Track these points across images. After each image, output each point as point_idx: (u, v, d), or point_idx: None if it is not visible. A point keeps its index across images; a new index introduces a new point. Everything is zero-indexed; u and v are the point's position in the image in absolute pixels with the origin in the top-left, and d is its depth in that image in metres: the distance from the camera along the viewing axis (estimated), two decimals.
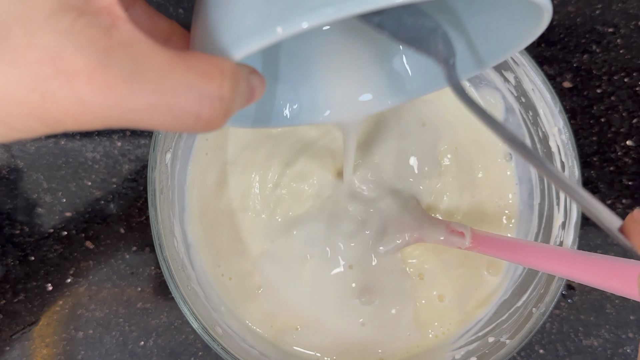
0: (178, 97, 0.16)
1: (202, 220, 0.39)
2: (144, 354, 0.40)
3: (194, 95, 0.16)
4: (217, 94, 0.16)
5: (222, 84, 0.16)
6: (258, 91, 0.20)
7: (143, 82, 0.15)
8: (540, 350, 0.41)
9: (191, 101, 0.16)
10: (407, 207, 0.39)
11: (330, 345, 0.38)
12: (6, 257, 0.41)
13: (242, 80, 0.18)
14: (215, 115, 0.17)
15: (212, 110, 0.16)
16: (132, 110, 0.15)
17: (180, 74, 0.16)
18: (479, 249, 0.36)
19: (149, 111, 0.15)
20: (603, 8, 0.46)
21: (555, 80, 0.45)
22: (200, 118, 0.16)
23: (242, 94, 0.18)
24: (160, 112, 0.16)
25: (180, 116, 0.16)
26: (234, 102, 0.17)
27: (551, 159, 0.37)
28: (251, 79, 0.19)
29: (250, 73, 0.19)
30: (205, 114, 0.16)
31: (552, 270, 0.32)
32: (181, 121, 0.16)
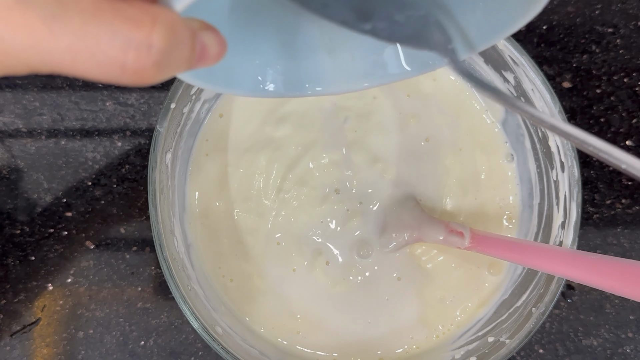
0: (100, 42, 0.15)
1: (203, 221, 0.39)
2: (144, 354, 0.40)
3: (118, 42, 0.15)
4: (145, 41, 0.15)
5: (152, 32, 0.15)
6: (212, 51, 0.18)
7: (64, 24, 0.14)
8: (539, 350, 0.41)
9: (115, 47, 0.15)
10: (406, 207, 0.39)
11: (331, 345, 0.38)
12: (6, 257, 0.41)
13: (181, 32, 0.17)
14: (142, 65, 0.16)
15: (138, 58, 0.15)
16: (52, 52, 0.15)
17: (106, 18, 0.15)
18: (479, 248, 0.36)
19: (69, 54, 0.15)
20: (602, 8, 0.46)
21: (554, 81, 0.45)
22: (125, 66, 0.15)
23: (183, 48, 0.17)
24: (82, 56, 0.15)
25: (103, 63, 0.15)
26: (167, 53, 0.16)
27: (551, 159, 0.37)
28: (202, 35, 0.18)
29: (203, 29, 0.18)
30: (130, 63, 0.15)
31: (551, 270, 0.32)
32: (105, 68, 0.15)
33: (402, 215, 0.38)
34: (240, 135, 0.40)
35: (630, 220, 0.43)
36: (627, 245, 0.43)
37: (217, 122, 0.40)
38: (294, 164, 0.39)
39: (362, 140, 0.40)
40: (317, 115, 0.40)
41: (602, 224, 0.43)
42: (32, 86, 0.43)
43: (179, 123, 0.36)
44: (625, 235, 0.43)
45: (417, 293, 0.39)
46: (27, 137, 0.42)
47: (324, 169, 0.40)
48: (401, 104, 0.41)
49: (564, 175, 0.36)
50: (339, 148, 0.40)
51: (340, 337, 0.38)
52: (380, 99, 0.41)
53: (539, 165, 0.39)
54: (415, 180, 0.40)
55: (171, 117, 0.34)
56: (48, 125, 0.43)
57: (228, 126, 0.40)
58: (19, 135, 0.42)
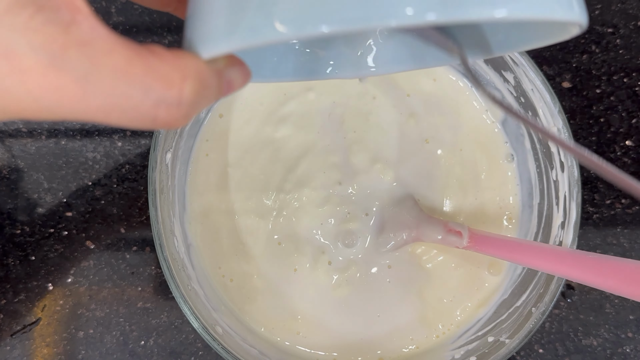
0: (132, 100, 0.15)
1: (203, 220, 0.39)
2: (145, 354, 0.40)
3: (150, 100, 0.15)
4: (175, 99, 0.16)
5: (182, 89, 0.16)
6: (238, 82, 0.19)
7: (96, 84, 0.15)
8: (539, 350, 0.41)
9: (147, 105, 0.15)
10: (405, 206, 0.39)
11: (331, 345, 0.38)
12: (7, 256, 0.41)
13: (209, 80, 0.17)
14: (172, 119, 0.16)
15: (169, 114, 0.16)
16: (84, 111, 0.15)
17: (137, 76, 0.15)
18: (477, 248, 0.36)
19: (102, 112, 0.15)
20: (602, 8, 0.46)
21: (554, 81, 0.45)
22: (156, 120, 0.16)
23: (210, 93, 0.17)
24: (114, 113, 0.15)
25: (135, 118, 0.16)
26: (196, 104, 0.17)
27: (550, 159, 0.37)
28: (228, 73, 0.18)
29: (229, 66, 0.18)
30: (161, 117, 0.16)
31: (549, 269, 0.32)
32: (137, 122, 0.16)
33: (400, 215, 0.39)
34: (241, 136, 0.40)
35: (630, 220, 0.43)
36: (627, 245, 0.43)
37: (217, 123, 0.40)
38: (295, 164, 0.39)
39: (362, 140, 0.40)
40: (316, 115, 0.40)
41: (602, 223, 0.43)
42: None
43: None
44: (625, 235, 0.43)
45: (417, 293, 0.39)
46: (27, 137, 0.42)
47: (324, 170, 0.40)
48: (401, 103, 0.41)
49: (563, 175, 0.36)
50: (339, 149, 0.40)
51: (340, 337, 0.38)
52: (380, 99, 0.41)
53: (538, 165, 0.39)
54: (415, 181, 0.40)
55: None
56: (48, 125, 0.43)
57: (228, 126, 0.40)
58: (19, 135, 0.42)
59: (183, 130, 0.37)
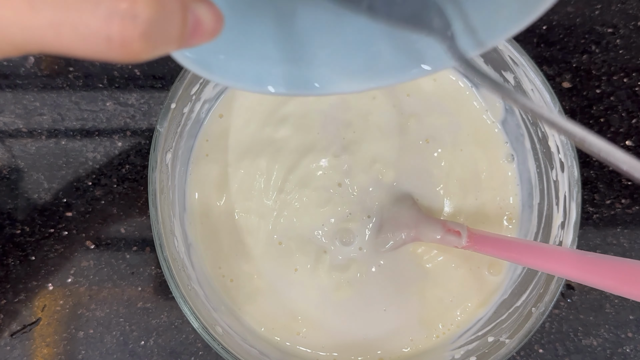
0: (82, 13, 0.14)
1: (203, 221, 0.39)
2: (145, 354, 0.40)
3: (101, 12, 0.14)
4: (129, 10, 0.14)
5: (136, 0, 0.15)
6: (207, 25, 0.17)
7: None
8: (539, 350, 0.41)
9: (98, 18, 0.14)
10: (404, 206, 0.39)
11: (331, 345, 0.38)
12: (7, 257, 0.41)
13: (170, 2, 0.16)
14: (129, 36, 0.15)
15: (123, 29, 0.15)
16: (34, 28, 0.14)
17: None
18: (476, 247, 0.36)
19: (52, 29, 0.14)
20: (602, 8, 0.46)
21: (554, 81, 0.45)
22: (111, 39, 0.15)
23: (173, 19, 0.16)
24: (65, 30, 0.14)
25: (87, 36, 0.15)
26: (155, 23, 0.15)
27: (550, 159, 0.37)
28: (195, 7, 0.17)
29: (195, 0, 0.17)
30: (115, 34, 0.15)
31: (548, 269, 0.32)
32: (90, 42, 0.15)
33: (399, 215, 0.39)
34: (241, 136, 0.40)
35: (630, 220, 0.43)
36: (627, 245, 0.43)
37: (217, 123, 0.40)
38: (295, 165, 0.39)
39: (362, 140, 0.40)
40: (316, 116, 0.40)
41: (602, 223, 0.43)
42: (32, 86, 0.43)
43: (179, 123, 0.36)
44: (625, 235, 0.43)
45: (417, 293, 0.39)
46: (27, 137, 0.42)
47: (325, 171, 0.40)
48: (401, 104, 0.41)
49: (563, 175, 0.36)
50: (339, 149, 0.40)
51: (341, 337, 0.39)
52: (380, 99, 0.41)
53: (538, 165, 0.39)
54: (414, 181, 0.40)
55: (171, 117, 0.34)
56: (48, 125, 0.43)
57: (228, 127, 0.40)
58: (19, 135, 0.42)
59: (183, 130, 0.37)
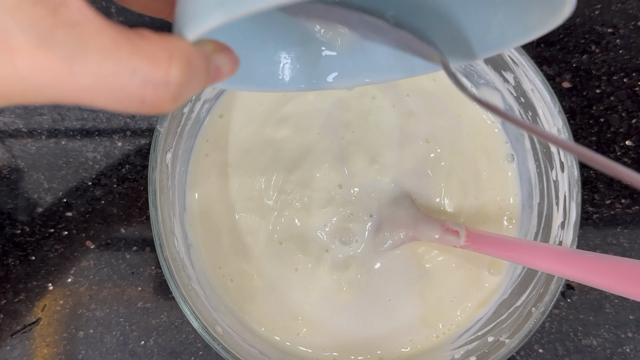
0: (119, 80, 0.15)
1: (203, 221, 0.39)
2: (145, 354, 0.40)
3: (136, 80, 0.15)
4: (163, 79, 0.16)
5: (169, 69, 0.16)
6: (226, 69, 0.19)
7: (83, 64, 0.15)
8: (539, 350, 0.41)
9: (134, 85, 0.15)
10: (402, 206, 0.39)
11: (331, 345, 0.38)
12: (7, 256, 0.41)
13: (196, 62, 0.17)
14: (160, 100, 0.16)
15: (156, 95, 0.16)
16: (72, 90, 0.15)
17: (124, 56, 0.15)
18: (474, 247, 0.36)
19: (89, 92, 0.15)
20: (602, 8, 0.46)
21: (554, 81, 0.45)
22: (144, 101, 0.16)
23: (198, 76, 0.17)
24: (101, 94, 0.15)
25: (122, 99, 0.16)
26: (184, 86, 0.16)
27: (550, 159, 0.37)
28: (216, 58, 0.18)
29: (216, 51, 0.18)
30: (149, 98, 0.16)
31: (547, 268, 0.32)
32: (124, 103, 0.16)
33: (397, 214, 0.39)
34: (241, 136, 0.40)
35: (629, 220, 0.43)
36: (627, 245, 0.43)
37: (217, 123, 0.40)
38: (295, 165, 0.39)
39: (361, 140, 0.40)
40: (316, 116, 0.40)
41: (602, 223, 0.43)
42: None
43: (179, 123, 0.36)
44: (624, 235, 0.43)
45: (417, 293, 0.39)
46: (27, 137, 0.42)
47: (325, 172, 0.40)
48: (401, 103, 0.41)
49: (563, 175, 0.36)
50: (339, 149, 0.40)
51: (341, 337, 0.39)
52: (380, 99, 0.41)
53: (538, 165, 0.39)
54: (414, 181, 0.40)
55: (171, 117, 0.34)
56: (48, 125, 0.43)
57: (228, 127, 0.40)
58: (19, 135, 0.42)
59: (183, 130, 0.37)
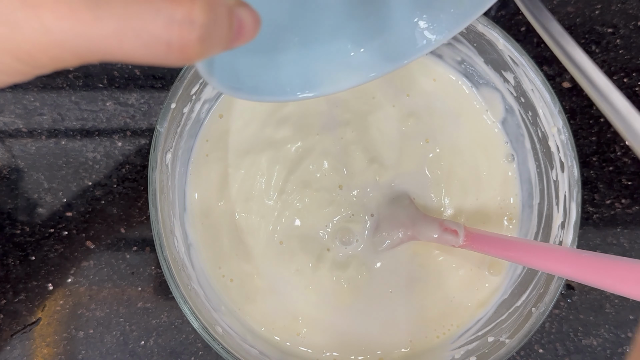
0: (144, 21, 0.15)
1: (203, 221, 0.39)
2: (145, 354, 0.40)
3: (161, 20, 0.15)
4: (187, 17, 0.16)
5: (192, 7, 0.16)
6: (249, 28, 0.19)
7: (108, 8, 0.15)
8: (539, 350, 0.41)
9: (159, 26, 0.15)
10: (400, 205, 0.39)
11: (331, 345, 0.38)
12: (7, 257, 0.41)
13: (219, 7, 0.17)
14: (187, 41, 0.16)
15: (182, 34, 0.16)
16: (99, 37, 0.15)
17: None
18: (473, 246, 0.36)
19: (116, 37, 0.15)
20: (602, 8, 0.46)
21: (554, 81, 0.45)
22: (171, 44, 0.16)
23: (222, 23, 0.17)
24: (128, 38, 0.15)
25: (149, 42, 0.16)
26: (209, 28, 0.16)
27: (550, 159, 0.37)
28: (238, 11, 0.19)
29: (237, 5, 0.19)
30: (175, 39, 0.16)
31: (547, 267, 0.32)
32: (152, 48, 0.16)
33: (396, 214, 0.38)
34: (241, 136, 0.40)
35: (630, 220, 0.43)
36: (627, 245, 0.43)
37: (217, 123, 0.40)
38: (295, 166, 0.39)
39: (361, 140, 0.40)
40: (316, 116, 0.40)
41: (602, 223, 0.43)
42: (32, 86, 0.43)
43: (179, 123, 0.36)
44: (625, 235, 0.43)
45: (417, 293, 0.39)
46: (27, 137, 0.42)
47: (325, 172, 0.40)
48: (401, 103, 0.41)
49: (563, 175, 0.36)
50: (339, 149, 0.40)
51: (341, 337, 0.39)
52: (379, 99, 0.41)
53: (538, 165, 0.39)
54: (414, 181, 0.40)
55: (171, 117, 0.34)
56: (48, 125, 0.43)
57: (228, 127, 0.40)
58: (19, 135, 0.42)
59: (183, 130, 0.37)
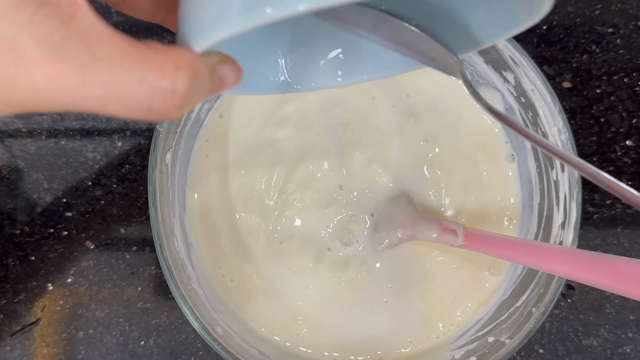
0: (128, 89, 0.16)
1: (203, 221, 0.39)
2: (145, 354, 0.40)
3: (145, 88, 0.16)
4: (169, 89, 0.17)
5: (176, 79, 0.17)
6: (230, 79, 0.20)
7: (94, 73, 0.16)
8: (539, 350, 0.41)
9: (142, 93, 0.16)
10: (399, 205, 0.39)
11: (331, 345, 0.38)
12: (7, 257, 0.41)
13: (202, 73, 0.18)
14: (167, 109, 0.17)
15: (163, 103, 0.17)
16: (84, 99, 0.16)
17: (132, 66, 0.16)
18: (472, 246, 0.36)
19: (100, 100, 0.16)
20: (602, 8, 0.46)
21: (554, 81, 0.45)
22: (151, 109, 0.17)
23: (203, 86, 0.18)
24: (112, 102, 0.16)
25: (131, 107, 0.16)
26: (189, 95, 0.17)
27: (551, 159, 0.37)
28: (221, 69, 0.19)
29: (221, 62, 0.19)
30: (156, 106, 0.17)
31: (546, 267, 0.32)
32: (133, 111, 0.17)
33: (394, 214, 0.38)
34: (241, 137, 0.40)
35: (630, 220, 0.43)
36: (627, 245, 0.43)
37: (217, 123, 0.40)
38: (295, 166, 0.39)
39: (361, 140, 0.40)
40: (316, 116, 0.40)
41: (602, 224, 0.43)
42: None
43: (179, 123, 0.36)
44: (625, 235, 0.43)
45: (417, 293, 0.39)
46: (27, 137, 0.42)
47: (325, 172, 0.40)
48: (401, 103, 0.41)
49: (564, 175, 0.36)
50: (339, 149, 0.40)
51: (341, 337, 0.38)
52: (379, 99, 0.41)
53: (539, 166, 0.39)
54: (414, 181, 0.40)
55: None
56: (48, 125, 0.43)
57: (228, 127, 0.40)
58: (19, 135, 0.42)
59: (183, 130, 0.37)
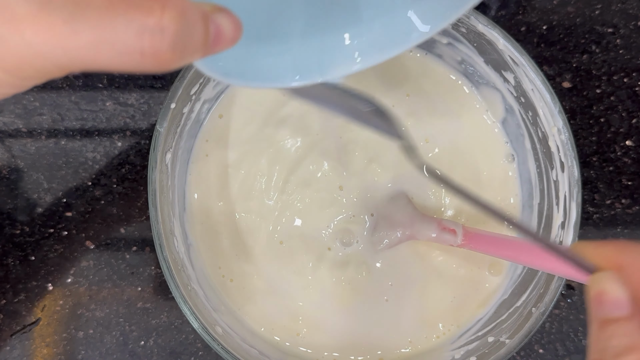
0: (117, 32, 0.16)
1: (203, 220, 0.39)
2: (144, 354, 0.40)
3: (133, 30, 0.16)
4: (157, 26, 0.16)
5: (162, 16, 0.16)
6: (228, 32, 0.19)
7: (83, 21, 0.16)
8: (539, 350, 0.41)
9: (131, 35, 0.16)
10: (398, 205, 0.39)
11: (331, 345, 0.38)
12: (7, 257, 0.41)
13: (192, 14, 0.17)
14: (159, 48, 0.17)
15: (153, 42, 0.16)
16: (76, 49, 0.16)
17: (119, 9, 0.16)
18: (472, 246, 0.36)
19: (92, 48, 0.16)
20: (602, 8, 0.46)
21: (554, 81, 0.45)
22: (144, 53, 0.17)
23: (197, 30, 0.18)
24: (103, 48, 0.16)
25: (123, 51, 0.16)
26: (180, 35, 0.17)
27: (551, 159, 0.37)
28: (215, 17, 0.19)
29: (215, 11, 0.19)
30: (147, 47, 0.16)
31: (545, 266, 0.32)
32: (126, 56, 0.17)
33: (394, 213, 0.38)
34: (241, 136, 0.40)
35: (630, 220, 0.43)
36: None
37: (217, 123, 0.40)
38: (296, 166, 0.39)
39: (360, 140, 0.40)
40: (315, 116, 0.40)
41: (602, 224, 0.43)
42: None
43: (179, 123, 0.36)
44: (625, 235, 0.43)
45: (417, 293, 0.39)
46: (27, 137, 0.42)
47: (325, 172, 0.40)
48: (400, 103, 0.41)
49: (563, 175, 0.36)
50: (338, 150, 0.40)
51: (341, 338, 0.38)
52: (380, 99, 0.41)
53: (538, 165, 0.39)
54: (414, 181, 0.40)
55: (171, 117, 0.34)
56: (48, 125, 0.43)
57: (228, 127, 0.40)
58: (19, 135, 0.42)
59: (183, 130, 0.37)
